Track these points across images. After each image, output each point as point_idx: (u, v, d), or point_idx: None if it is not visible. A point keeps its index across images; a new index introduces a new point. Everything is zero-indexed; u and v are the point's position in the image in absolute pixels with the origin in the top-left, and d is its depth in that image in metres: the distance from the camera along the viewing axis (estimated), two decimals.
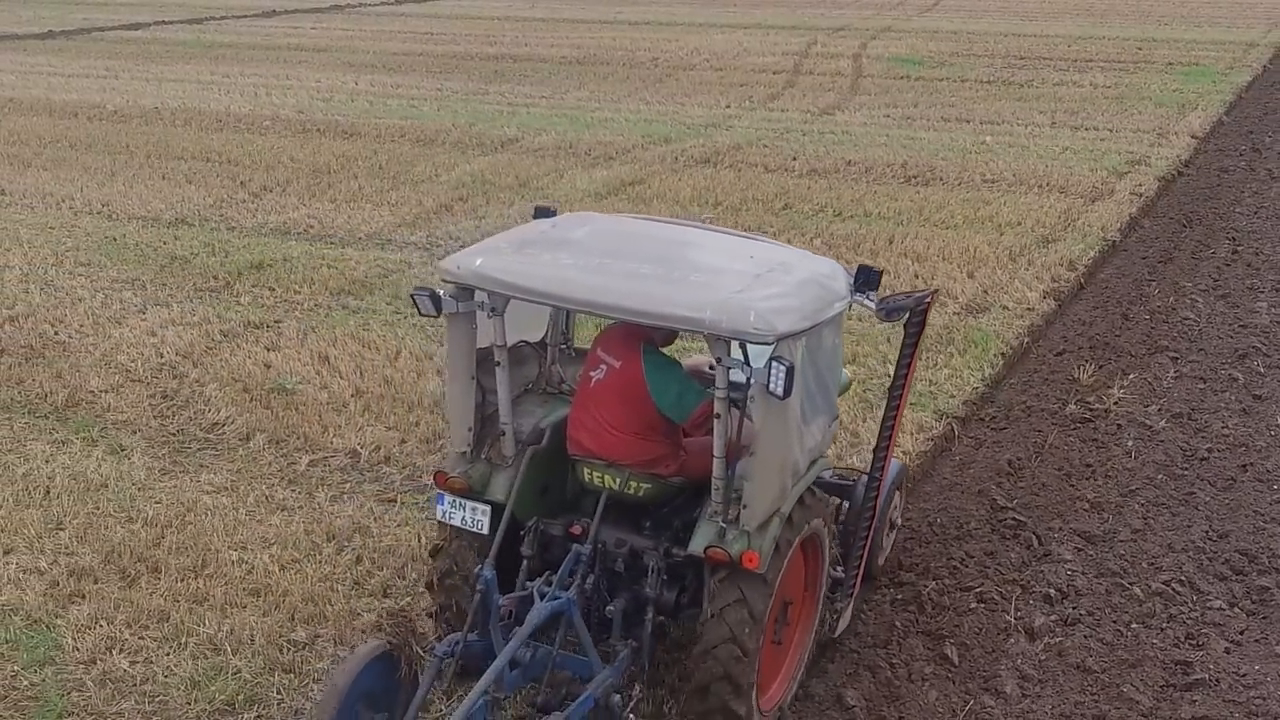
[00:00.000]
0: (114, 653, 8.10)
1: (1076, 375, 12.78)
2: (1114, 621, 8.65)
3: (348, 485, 10.50)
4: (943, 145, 23.88)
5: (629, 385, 7.21)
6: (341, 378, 12.45)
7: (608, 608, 7.11)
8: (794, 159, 22.65)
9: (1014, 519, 9.90)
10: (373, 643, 6.75)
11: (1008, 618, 8.62)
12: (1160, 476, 10.69)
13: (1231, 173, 22.44)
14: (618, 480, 7.25)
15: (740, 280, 6.75)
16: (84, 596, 8.71)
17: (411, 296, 7.07)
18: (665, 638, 7.61)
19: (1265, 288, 15.80)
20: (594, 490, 7.35)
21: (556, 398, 7.86)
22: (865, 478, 8.39)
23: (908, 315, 7.67)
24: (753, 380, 6.48)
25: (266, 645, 8.17)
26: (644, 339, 7.32)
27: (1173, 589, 8.98)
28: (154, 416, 11.76)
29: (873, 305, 7.29)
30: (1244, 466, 10.85)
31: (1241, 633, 8.56)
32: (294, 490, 10.39)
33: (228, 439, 11.35)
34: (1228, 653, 8.30)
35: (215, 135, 24.86)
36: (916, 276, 15.44)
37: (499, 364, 7.27)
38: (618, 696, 6.79)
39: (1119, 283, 16.22)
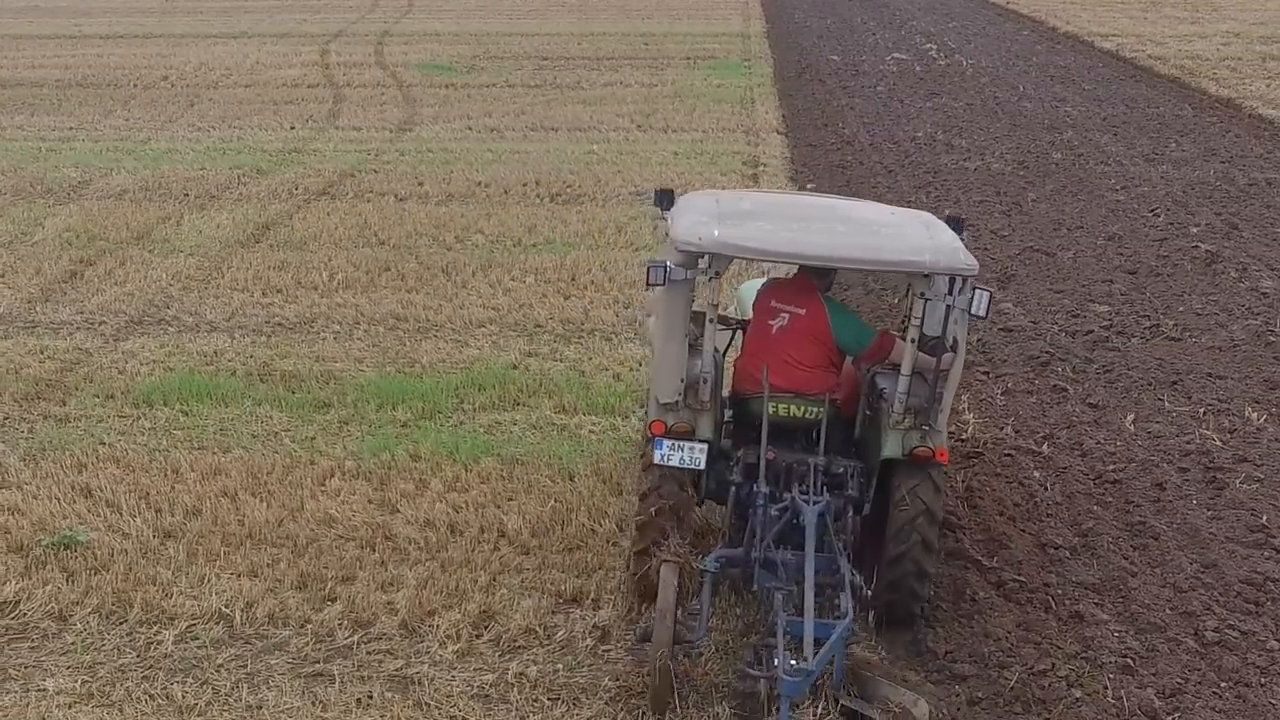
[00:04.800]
0: None
1: None
2: (1200, 684, 8.16)
3: (247, 663, 8.31)
4: (556, 158, 22.97)
5: (814, 327, 8.60)
6: (130, 515, 9.99)
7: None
8: (421, 184, 21.03)
9: (1011, 579, 9.26)
10: (669, 567, 7.62)
11: (1110, 700, 7.94)
12: (1095, 508, 10.37)
13: (847, 168, 22.87)
14: (802, 408, 8.48)
15: (919, 230, 8.26)
16: None
17: (648, 268, 8.03)
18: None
19: (990, 287, 15.99)
20: (775, 421, 8.40)
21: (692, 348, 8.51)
22: None
23: None
24: (954, 306, 7.75)
25: None
26: (820, 288, 8.73)
27: (1225, 635, 8.63)
28: None
29: None
30: (1159, 485, 10.72)
31: None
32: (187, 683, 8.09)
33: (35, 622, 8.78)
34: None
35: None
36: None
37: (711, 321, 8.32)
38: (858, 578, 7.94)
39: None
